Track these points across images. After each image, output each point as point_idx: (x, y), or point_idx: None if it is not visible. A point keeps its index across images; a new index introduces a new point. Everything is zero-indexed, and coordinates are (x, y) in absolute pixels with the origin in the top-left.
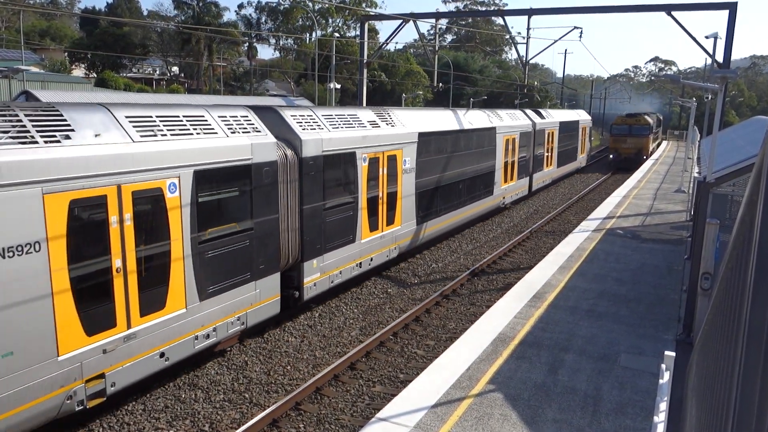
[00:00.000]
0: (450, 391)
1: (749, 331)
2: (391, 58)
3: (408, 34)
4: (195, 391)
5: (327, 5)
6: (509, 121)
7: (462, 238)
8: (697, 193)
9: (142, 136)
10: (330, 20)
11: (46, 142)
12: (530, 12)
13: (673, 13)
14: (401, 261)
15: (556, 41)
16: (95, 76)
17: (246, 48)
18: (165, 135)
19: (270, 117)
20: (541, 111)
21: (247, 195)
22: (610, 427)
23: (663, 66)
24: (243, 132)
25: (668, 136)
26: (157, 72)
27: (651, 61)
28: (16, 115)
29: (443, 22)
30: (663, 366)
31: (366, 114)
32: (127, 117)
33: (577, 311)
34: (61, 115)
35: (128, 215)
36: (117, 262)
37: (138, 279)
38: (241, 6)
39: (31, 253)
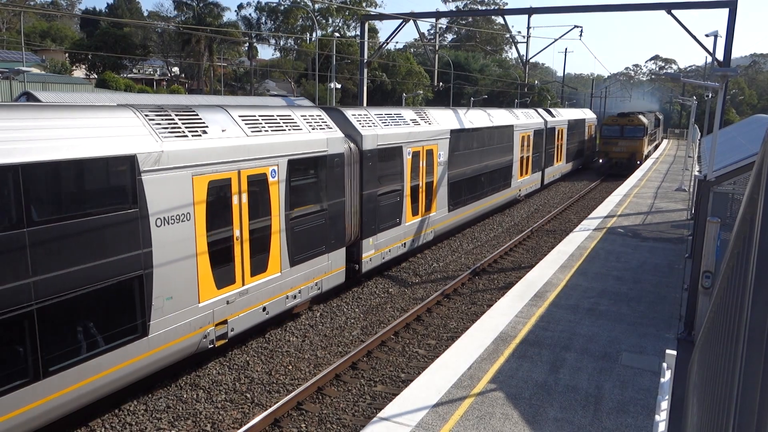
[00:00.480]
0: (451, 391)
1: (750, 329)
2: (391, 57)
3: (408, 34)
4: (197, 391)
5: (327, 5)
6: (524, 119)
7: (463, 237)
8: (697, 192)
9: (252, 132)
10: (330, 20)
11: (192, 135)
12: (530, 11)
13: (673, 11)
14: (403, 261)
15: (556, 40)
16: (96, 77)
17: (246, 48)
18: (267, 131)
19: (335, 115)
20: (552, 110)
21: (323, 181)
22: (611, 426)
23: (663, 64)
24: (319, 128)
25: (669, 135)
26: (158, 72)
27: (651, 59)
28: (169, 115)
29: (443, 22)
30: (664, 364)
31: (408, 113)
32: (240, 116)
33: (578, 310)
34: (198, 115)
35: (244, 195)
36: (237, 232)
37: (250, 246)
38: (240, 6)
39: (183, 221)
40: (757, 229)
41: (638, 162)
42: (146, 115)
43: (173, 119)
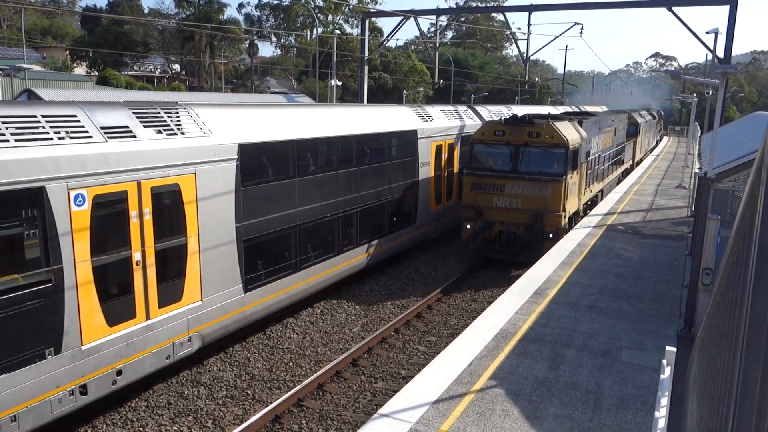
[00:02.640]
0: (452, 387)
1: (750, 326)
2: (392, 55)
3: (409, 31)
4: (198, 387)
5: (326, 2)
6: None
7: None
8: (698, 189)
9: (447, 119)
10: (330, 17)
11: (429, 120)
12: (531, 8)
13: (673, 8)
14: (404, 259)
15: (556, 37)
16: (97, 74)
17: (247, 45)
18: (451, 118)
19: (472, 109)
20: (580, 107)
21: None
22: (611, 422)
23: (664, 62)
24: (469, 118)
25: (669, 132)
26: (159, 70)
27: (652, 56)
28: (417, 110)
29: (444, 19)
30: (664, 361)
31: (502, 108)
32: (440, 110)
33: (578, 307)
34: (427, 110)
35: (446, 154)
36: (437, 171)
37: (446, 183)
38: (241, 6)
39: (427, 165)
40: (757, 226)
41: (551, 235)
42: (413, 109)
43: (420, 112)
